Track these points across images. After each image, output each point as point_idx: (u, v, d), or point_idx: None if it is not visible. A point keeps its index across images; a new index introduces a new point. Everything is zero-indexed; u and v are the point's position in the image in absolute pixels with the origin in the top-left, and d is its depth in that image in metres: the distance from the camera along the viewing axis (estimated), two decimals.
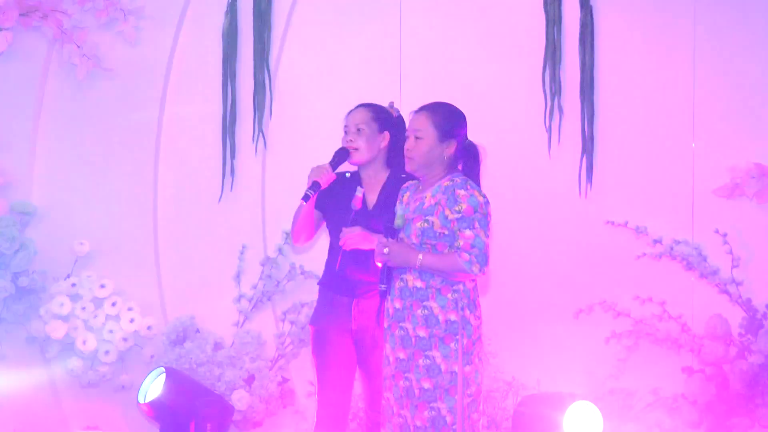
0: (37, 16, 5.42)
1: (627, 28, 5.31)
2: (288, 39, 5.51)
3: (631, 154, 5.32)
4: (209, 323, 5.47)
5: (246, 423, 5.36)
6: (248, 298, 5.48)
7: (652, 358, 5.23)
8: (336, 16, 5.51)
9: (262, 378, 5.34)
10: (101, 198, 5.54)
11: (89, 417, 5.52)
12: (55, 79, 5.53)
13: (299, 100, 5.52)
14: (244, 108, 5.50)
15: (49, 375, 5.52)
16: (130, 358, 5.51)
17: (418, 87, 5.31)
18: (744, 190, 5.19)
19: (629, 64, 5.31)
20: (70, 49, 5.44)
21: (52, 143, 5.55)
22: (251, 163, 5.52)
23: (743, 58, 5.22)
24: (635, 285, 5.24)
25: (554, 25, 5.31)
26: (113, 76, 5.50)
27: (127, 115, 5.52)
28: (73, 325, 5.42)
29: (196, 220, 5.55)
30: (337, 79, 5.47)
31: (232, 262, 5.48)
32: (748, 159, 5.17)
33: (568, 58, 5.32)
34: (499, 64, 5.39)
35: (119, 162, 5.54)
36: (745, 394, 5.08)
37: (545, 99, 5.32)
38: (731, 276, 5.19)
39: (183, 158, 5.56)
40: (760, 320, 5.15)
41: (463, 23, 5.42)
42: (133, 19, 5.45)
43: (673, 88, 5.28)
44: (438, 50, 5.43)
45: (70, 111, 5.54)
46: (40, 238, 5.50)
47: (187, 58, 5.52)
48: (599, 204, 5.31)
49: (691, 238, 5.25)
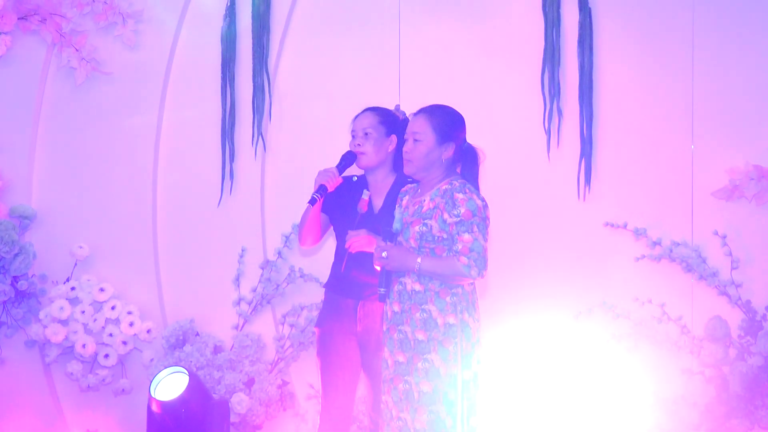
0: (35, 20, 5.42)
1: (626, 31, 5.31)
2: (287, 42, 5.51)
3: (630, 156, 5.32)
4: (209, 326, 5.48)
5: (246, 426, 5.36)
6: (248, 302, 5.48)
7: (651, 360, 5.23)
8: (335, 19, 5.51)
9: (262, 381, 5.34)
10: (100, 201, 5.54)
11: (89, 421, 5.52)
12: (54, 82, 5.53)
13: (298, 103, 5.52)
14: (244, 111, 5.50)
15: (49, 379, 5.51)
16: (130, 362, 5.51)
17: (417, 90, 5.31)
18: (743, 192, 5.19)
19: (628, 67, 5.31)
20: (69, 53, 5.44)
21: (52, 147, 5.55)
22: (251, 167, 5.51)
23: (742, 60, 5.22)
24: (635, 287, 5.24)
25: (553, 27, 5.31)
26: (112, 80, 5.50)
27: (126, 118, 5.52)
28: (73, 329, 5.42)
29: (195, 223, 5.55)
30: (336, 82, 5.47)
31: (231, 265, 5.48)
32: (747, 161, 5.18)
33: (567, 60, 5.33)
34: (498, 67, 5.39)
35: (118, 165, 5.53)
36: (745, 396, 5.08)
37: (544, 101, 5.32)
38: (731, 278, 5.19)
39: (182, 162, 5.56)
40: (760, 322, 5.15)
41: (462, 26, 5.42)
42: (132, 22, 5.45)
43: (671, 91, 5.28)
44: (437, 53, 5.43)
45: (69, 115, 5.54)
46: (40, 242, 5.49)
47: (187, 61, 5.52)
48: (598, 206, 5.31)
49: (691, 240, 5.25)
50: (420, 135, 3.89)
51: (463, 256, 3.76)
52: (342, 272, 4.22)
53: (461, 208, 3.79)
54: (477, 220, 3.79)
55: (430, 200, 3.87)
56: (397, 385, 3.84)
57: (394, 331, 3.87)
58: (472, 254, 3.76)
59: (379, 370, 4.15)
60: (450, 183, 3.87)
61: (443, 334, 3.79)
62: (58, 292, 5.45)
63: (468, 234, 3.77)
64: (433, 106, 3.97)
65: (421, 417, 3.78)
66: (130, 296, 5.51)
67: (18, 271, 5.39)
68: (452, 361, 3.77)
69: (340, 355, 4.22)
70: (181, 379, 4.94)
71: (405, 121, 4.29)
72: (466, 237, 3.77)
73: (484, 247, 3.78)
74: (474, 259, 3.76)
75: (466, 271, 3.76)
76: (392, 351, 3.87)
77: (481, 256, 3.77)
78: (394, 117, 4.30)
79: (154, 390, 4.90)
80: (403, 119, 4.31)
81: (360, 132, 4.25)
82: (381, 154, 4.24)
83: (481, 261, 3.77)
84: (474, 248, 3.77)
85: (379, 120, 4.26)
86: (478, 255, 3.77)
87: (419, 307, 3.83)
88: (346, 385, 4.23)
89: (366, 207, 4.21)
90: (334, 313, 4.25)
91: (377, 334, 4.17)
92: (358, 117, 4.30)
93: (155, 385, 4.91)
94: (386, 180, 4.27)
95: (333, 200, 4.26)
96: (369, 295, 4.19)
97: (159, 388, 4.92)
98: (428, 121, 3.90)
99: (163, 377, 4.94)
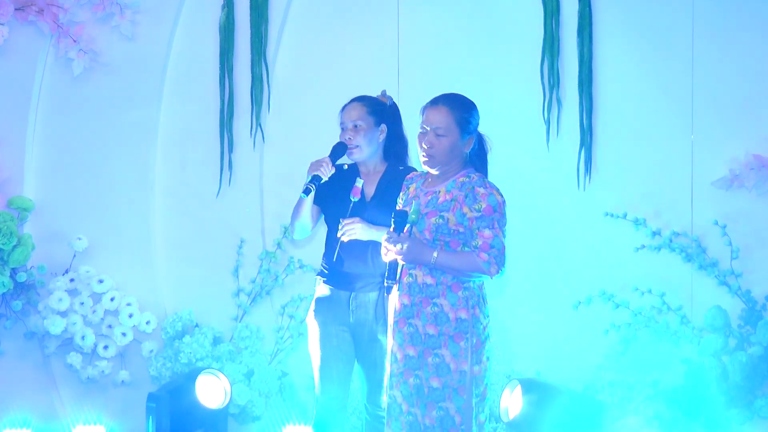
0: (32, 11, 5.40)
1: (625, 20, 5.29)
2: (285, 32, 5.50)
3: (629, 146, 5.31)
4: (208, 318, 5.47)
5: (245, 417, 5.36)
6: (247, 293, 5.47)
7: (651, 350, 5.22)
8: (333, 9, 5.50)
9: (262, 372, 5.34)
10: (99, 193, 5.53)
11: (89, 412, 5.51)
12: (51, 73, 5.51)
13: (297, 94, 5.50)
14: (242, 102, 5.49)
15: (48, 370, 5.51)
16: (129, 354, 5.51)
17: (416, 79, 5.30)
18: (743, 182, 5.18)
19: (628, 56, 5.29)
20: (66, 44, 5.42)
21: (50, 138, 5.54)
22: (249, 158, 5.50)
23: (742, 50, 5.20)
24: (634, 277, 5.24)
25: (552, 16, 5.29)
26: (110, 71, 5.48)
27: (124, 109, 5.51)
28: (72, 321, 5.42)
29: (194, 214, 5.54)
30: (334, 72, 5.45)
31: (230, 256, 5.48)
32: (747, 151, 5.16)
33: (566, 50, 5.31)
34: (497, 56, 5.37)
35: (117, 157, 5.52)
36: (745, 386, 5.08)
37: (543, 91, 5.30)
38: (730, 267, 5.18)
39: (181, 153, 5.55)
40: (760, 312, 5.15)
41: (460, 15, 5.40)
42: (129, 13, 5.43)
43: (671, 80, 5.27)
44: (436, 43, 5.42)
45: (67, 106, 5.52)
46: (38, 234, 5.49)
47: (184, 52, 5.51)
48: (598, 196, 5.30)
49: (691, 230, 5.25)
50: (443, 130, 3.73)
51: (483, 253, 3.66)
52: (333, 262, 4.20)
53: (482, 202, 3.68)
54: (497, 216, 3.69)
55: (446, 192, 3.75)
56: (408, 380, 3.75)
57: (404, 324, 3.77)
58: (493, 251, 3.66)
59: (374, 362, 4.13)
60: (467, 175, 3.76)
61: (454, 329, 3.70)
62: (57, 283, 5.44)
63: (489, 230, 3.67)
64: (451, 96, 3.81)
65: (431, 413, 3.71)
66: (129, 288, 5.50)
67: (17, 262, 5.39)
68: (463, 357, 3.69)
69: (333, 346, 4.20)
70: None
71: (393, 107, 4.26)
72: (487, 233, 3.67)
73: (503, 245, 3.69)
74: (494, 256, 3.66)
75: (486, 268, 3.67)
76: (402, 345, 3.77)
77: (501, 254, 3.68)
78: (383, 105, 4.25)
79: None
80: (390, 105, 4.27)
81: (350, 125, 4.21)
82: (373, 146, 4.22)
83: (501, 258, 3.68)
84: (494, 245, 3.67)
85: (368, 110, 4.22)
86: (498, 252, 3.67)
87: (430, 301, 3.73)
88: (341, 376, 4.21)
89: (358, 194, 4.18)
90: (326, 304, 4.23)
91: (370, 326, 4.14)
92: (345, 108, 4.25)
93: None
94: (378, 168, 4.25)
95: (324, 189, 4.22)
96: (361, 286, 4.17)
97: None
98: (451, 115, 3.74)
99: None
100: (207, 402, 5.03)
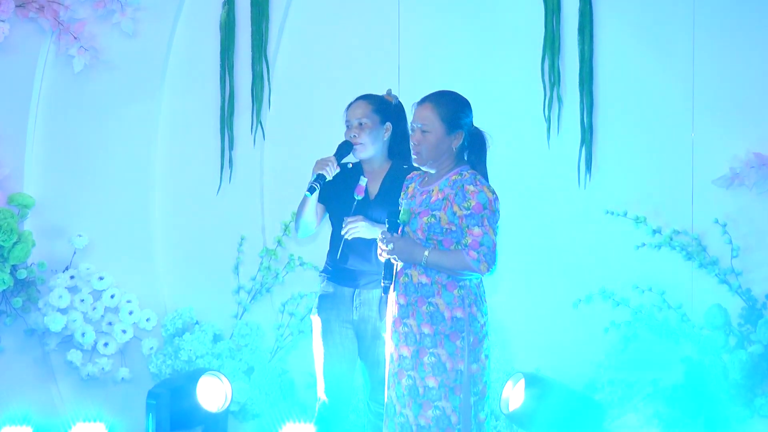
0: (33, 8, 5.40)
1: (626, 19, 5.29)
2: (286, 30, 5.49)
3: (630, 144, 5.31)
4: (208, 315, 5.47)
5: (245, 415, 5.36)
6: (247, 290, 5.48)
7: (651, 348, 5.22)
8: (334, 6, 5.50)
9: (262, 370, 5.34)
10: (99, 190, 5.53)
11: (89, 409, 5.51)
12: (52, 71, 5.51)
13: (297, 91, 5.50)
14: (243, 99, 5.49)
15: (48, 367, 5.51)
16: (130, 351, 5.51)
17: (417, 77, 5.30)
18: (743, 180, 5.18)
19: (628, 54, 5.29)
20: (67, 41, 5.42)
21: (50, 135, 5.54)
22: (250, 155, 5.50)
23: (742, 48, 5.20)
24: (635, 275, 5.23)
25: (553, 14, 5.29)
26: (111, 68, 5.48)
27: (124, 106, 5.51)
28: (72, 318, 5.42)
29: (194, 211, 5.54)
30: (335, 69, 5.45)
31: (231, 253, 5.48)
32: (748, 149, 5.16)
33: (567, 48, 5.31)
34: (498, 54, 5.37)
35: (117, 154, 5.52)
36: (745, 385, 5.08)
37: (544, 89, 5.30)
38: (731, 266, 5.18)
39: (181, 150, 5.55)
40: (760, 310, 5.15)
41: (461, 13, 5.40)
42: (130, 10, 5.43)
43: (672, 78, 5.27)
44: (436, 40, 5.42)
45: (67, 103, 5.52)
46: (39, 231, 5.49)
47: (185, 49, 5.50)
48: (599, 194, 5.30)
49: (691, 228, 5.25)
50: (427, 126, 3.75)
51: (472, 251, 3.66)
52: (338, 259, 4.21)
53: (472, 200, 3.68)
54: (487, 213, 3.69)
55: (438, 191, 3.76)
56: (401, 380, 3.75)
57: (399, 324, 3.77)
58: (482, 249, 3.66)
59: (377, 359, 4.13)
60: (460, 173, 3.76)
61: (450, 328, 3.69)
62: (57, 280, 5.44)
63: (478, 228, 3.67)
64: (437, 93, 3.83)
65: (426, 413, 3.69)
66: (129, 285, 5.50)
67: (17, 259, 5.39)
68: (459, 356, 3.68)
69: (336, 344, 4.21)
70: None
71: (398, 106, 4.27)
72: (476, 231, 3.67)
73: (494, 242, 3.68)
74: (484, 253, 3.66)
75: (475, 266, 3.66)
76: (397, 345, 3.77)
77: (491, 251, 3.67)
78: (387, 104, 4.26)
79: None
80: (395, 104, 4.28)
81: (355, 122, 4.22)
82: (377, 143, 4.22)
83: (491, 256, 3.67)
84: (484, 242, 3.66)
85: (373, 108, 4.23)
86: (488, 250, 3.67)
87: (426, 300, 3.73)
88: (344, 374, 4.22)
89: (362, 193, 4.19)
90: (330, 301, 4.24)
91: (374, 323, 4.15)
92: (351, 106, 4.27)
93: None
94: (382, 166, 4.26)
95: (329, 188, 4.23)
96: (365, 283, 4.18)
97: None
98: (435, 111, 3.75)
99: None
100: (207, 405, 5.01)
